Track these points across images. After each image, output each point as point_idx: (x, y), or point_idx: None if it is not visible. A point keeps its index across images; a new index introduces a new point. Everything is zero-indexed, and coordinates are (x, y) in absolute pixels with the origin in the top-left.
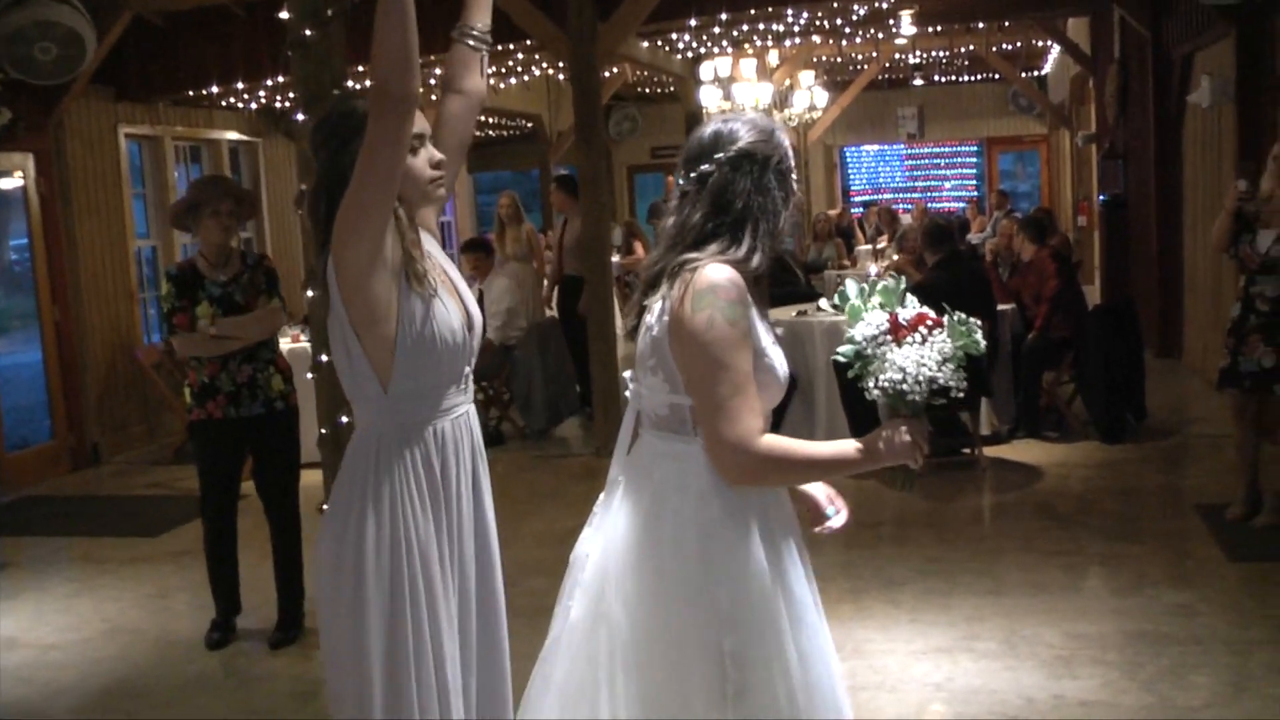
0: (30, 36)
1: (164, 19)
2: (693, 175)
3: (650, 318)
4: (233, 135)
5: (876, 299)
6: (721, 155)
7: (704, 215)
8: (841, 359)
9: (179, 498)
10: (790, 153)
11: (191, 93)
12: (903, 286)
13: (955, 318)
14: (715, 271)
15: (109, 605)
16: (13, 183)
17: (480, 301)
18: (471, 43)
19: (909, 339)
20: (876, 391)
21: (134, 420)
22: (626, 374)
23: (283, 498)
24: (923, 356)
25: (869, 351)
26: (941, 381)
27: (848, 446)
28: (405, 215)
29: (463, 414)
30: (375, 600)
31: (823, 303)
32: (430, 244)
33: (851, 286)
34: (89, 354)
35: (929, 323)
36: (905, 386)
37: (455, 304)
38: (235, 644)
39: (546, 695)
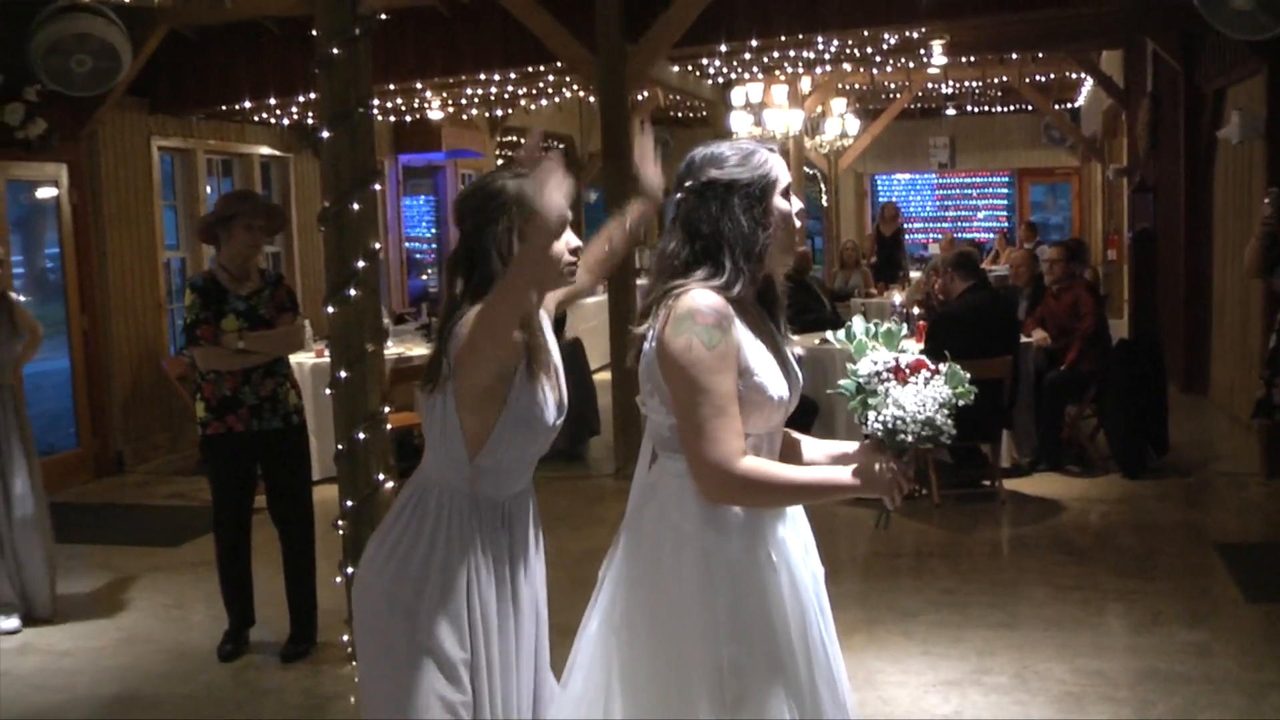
0: (67, 48)
1: (198, 33)
2: (673, 203)
3: (646, 345)
4: (264, 150)
5: (879, 340)
6: (691, 183)
7: (678, 243)
8: (843, 392)
9: (200, 508)
10: (775, 176)
11: (224, 107)
12: (903, 332)
13: (949, 367)
14: (696, 297)
15: (125, 614)
16: (46, 192)
17: None
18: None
19: (911, 380)
20: (876, 426)
21: (158, 430)
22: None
23: (296, 511)
24: (922, 399)
25: (870, 386)
26: (938, 424)
27: (835, 473)
28: (535, 299)
29: (529, 485)
30: (431, 656)
31: (830, 334)
32: (545, 325)
33: (858, 323)
34: (115, 363)
35: (927, 371)
36: (902, 425)
37: (553, 388)
38: (247, 656)
39: (564, 705)
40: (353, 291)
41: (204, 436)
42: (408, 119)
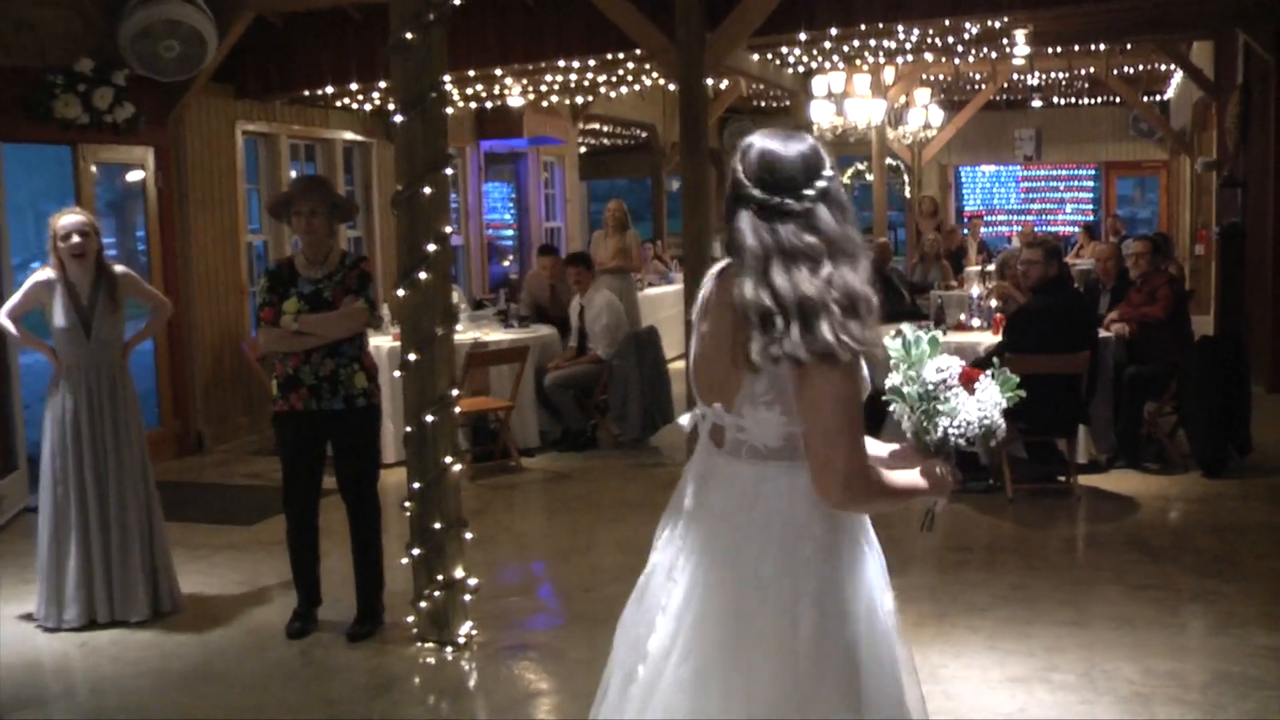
0: (156, 34)
1: (283, 19)
2: (806, 194)
3: (774, 349)
4: (347, 135)
5: (925, 346)
6: (812, 191)
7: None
8: (898, 397)
9: (275, 489)
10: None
11: (307, 92)
12: (941, 339)
13: (999, 372)
14: (865, 330)
15: (198, 591)
16: (134, 176)
17: (581, 315)
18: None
19: (976, 386)
20: (940, 434)
21: (238, 411)
22: (698, 410)
23: (360, 493)
24: (983, 406)
25: (936, 394)
26: (993, 427)
27: (913, 477)
28: None
29: None
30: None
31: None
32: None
33: (909, 329)
34: (197, 345)
35: (984, 378)
36: (969, 430)
37: None
38: (316, 634)
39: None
40: (423, 275)
41: (273, 414)
42: (489, 105)
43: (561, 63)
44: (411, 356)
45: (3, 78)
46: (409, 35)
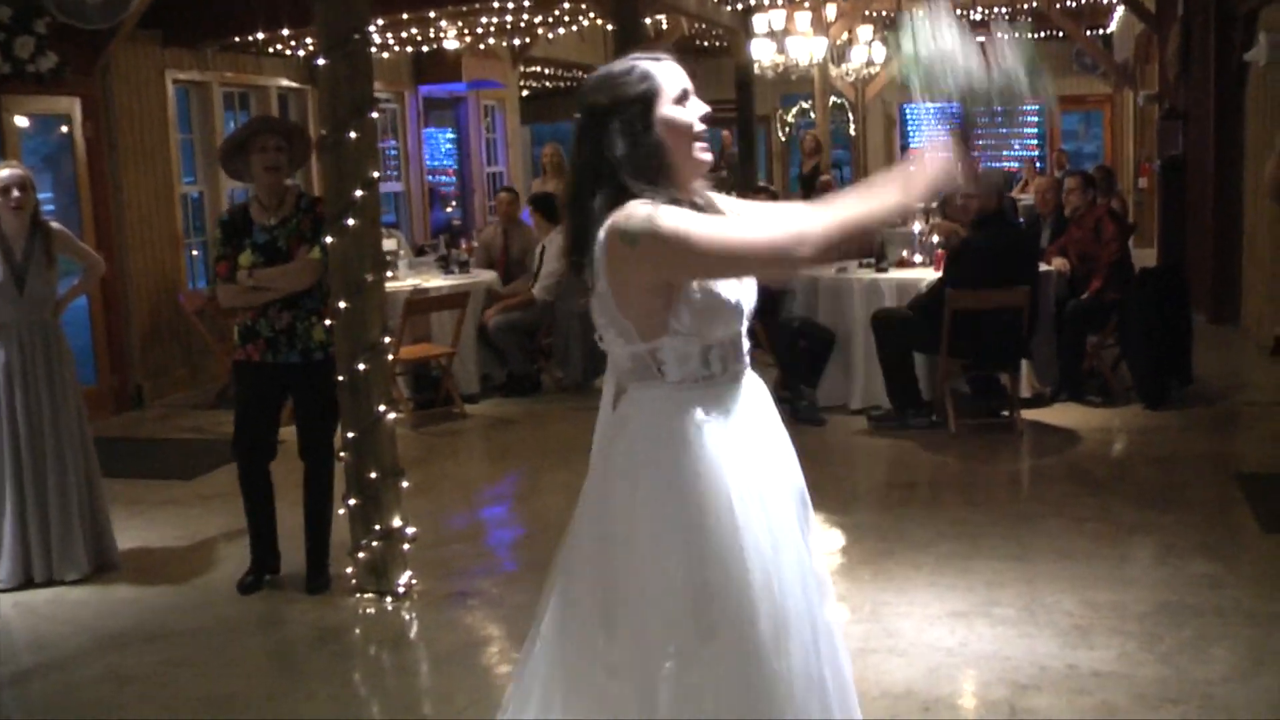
0: None
1: None
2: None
3: (595, 283)
4: (281, 82)
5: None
6: (579, 115)
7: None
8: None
9: (216, 442)
10: (657, 87)
11: (238, 39)
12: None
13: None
14: (627, 208)
15: (137, 546)
16: (61, 127)
17: (542, 255)
18: None
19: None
20: (950, 86)
21: (177, 364)
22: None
23: (313, 447)
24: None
25: (936, 45)
26: (1020, 80)
27: (886, 191)
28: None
29: None
30: None
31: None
32: None
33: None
34: (133, 298)
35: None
36: (983, 78)
37: None
38: (261, 590)
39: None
40: (351, 221)
41: (233, 361)
42: (426, 50)
43: (496, 3)
44: (341, 304)
45: None
46: None
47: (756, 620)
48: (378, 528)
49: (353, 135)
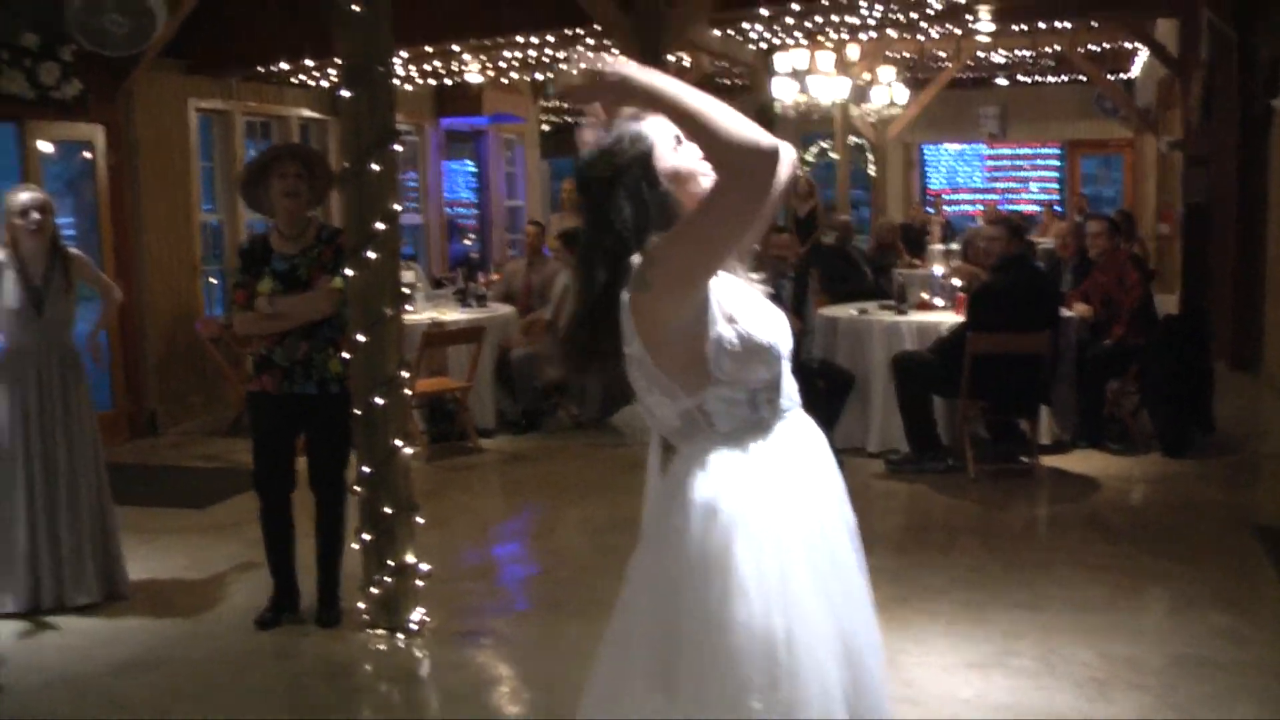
0: (103, 8)
1: None
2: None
3: (628, 349)
4: (303, 112)
5: None
6: (583, 197)
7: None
8: None
9: (230, 470)
10: (649, 143)
11: (261, 68)
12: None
13: None
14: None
15: (147, 575)
16: (85, 153)
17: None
18: None
19: None
20: None
21: (192, 391)
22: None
23: (326, 478)
24: None
25: None
26: None
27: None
28: None
29: None
30: None
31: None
32: None
33: None
34: (150, 324)
35: None
36: None
37: None
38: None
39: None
40: (371, 254)
41: (247, 392)
42: (448, 82)
43: (519, 38)
44: (359, 337)
45: None
46: (354, 7)
47: (828, 664)
48: (390, 563)
49: (374, 167)
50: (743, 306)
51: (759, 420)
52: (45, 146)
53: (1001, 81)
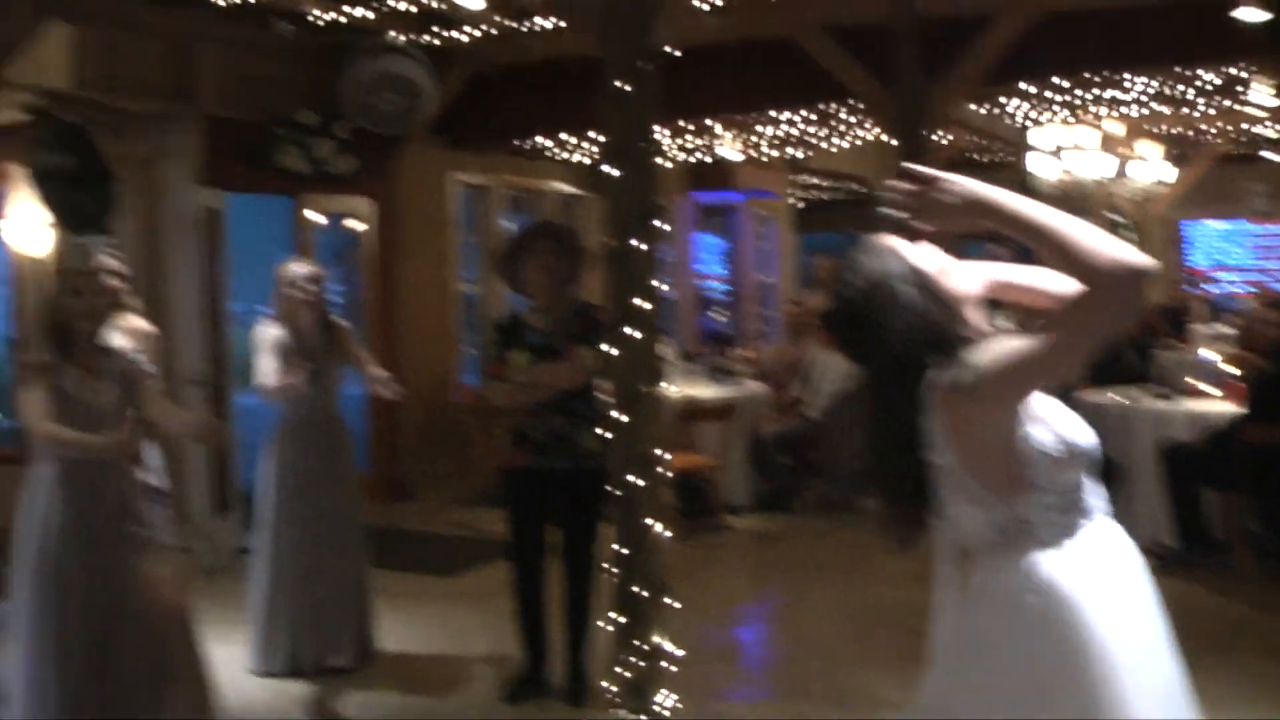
0: (377, 87)
1: (498, 72)
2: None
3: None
4: (560, 187)
5: None
6: (869, 310)
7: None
8: None
9: (480, 540)
10: (894, 258)
11: (519, 143)
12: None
13: None
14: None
15: (394, 640)
16: (354, 225)
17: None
18: None
19: None
20: None
21: (446, 459)
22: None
23: (577, 552)
24: None
25: None
26: None
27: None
28: None
29: None
30: None
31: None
32: None
33: None
34: (409, 391)
35: None
36: None
37: None
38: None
39: None
40: (631, 331)
41: (503, 469)
42: (704, 159)
43: (774, 114)
44: (617, 415)
45: (228, 129)
46: (620, 84)
47: None
48: (640, 644)
49: (637, 244)
50: (1046, 407)
51: (1070, 525)
52: (317, 218)
53: (1270, 156)
